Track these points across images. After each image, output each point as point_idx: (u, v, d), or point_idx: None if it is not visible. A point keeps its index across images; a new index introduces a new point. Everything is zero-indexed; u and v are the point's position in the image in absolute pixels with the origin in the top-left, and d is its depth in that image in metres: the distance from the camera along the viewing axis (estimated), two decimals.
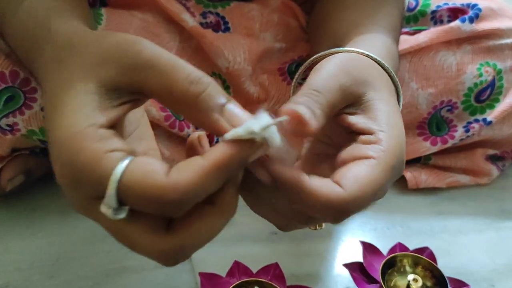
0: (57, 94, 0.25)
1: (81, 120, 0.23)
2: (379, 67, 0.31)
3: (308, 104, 0.26)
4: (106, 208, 0.22)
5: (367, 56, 0.31)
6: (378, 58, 0.31)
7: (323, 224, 0.33)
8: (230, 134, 0.22)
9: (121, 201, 0.22)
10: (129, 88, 0.24)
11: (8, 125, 0.40)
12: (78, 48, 0.26)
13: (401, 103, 0.33)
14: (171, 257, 0.24)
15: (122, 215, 0.22)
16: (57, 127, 0.23)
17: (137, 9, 0.48)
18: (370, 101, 0.28)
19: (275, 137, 0.23)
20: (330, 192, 0.24)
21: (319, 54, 0.33)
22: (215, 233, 0.24)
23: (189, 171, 0.22)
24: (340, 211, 0.24)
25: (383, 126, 0.27)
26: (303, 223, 0.28)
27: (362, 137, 0.27)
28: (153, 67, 0.23)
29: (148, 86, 0.23)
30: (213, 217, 0.24)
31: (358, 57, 0.31)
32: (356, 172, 0.25)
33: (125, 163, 0.22)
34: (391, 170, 0.26)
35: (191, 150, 0.25)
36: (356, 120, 0.28)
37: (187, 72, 0.23)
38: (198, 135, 0.25)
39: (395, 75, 0.32)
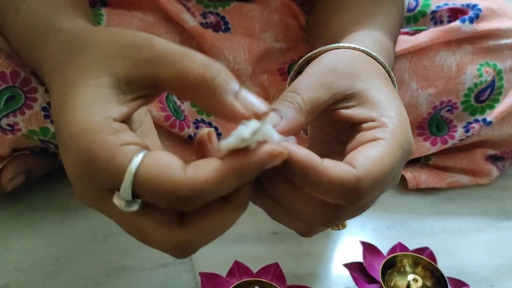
0: (67, 88, 0.25)
1: (95, 113, 0.23)
2: (370, 58, 0.32)
3: (281, 107, 0.27)
4: (119, 200, 0.22)
5: (356, 49, 0.32)
6: (367, 49, 0.32)
7: (346, 224, 0.32)
8: (225, 145, 0.22)
9: (134, 194, 0.22)
10: (141, 81, 0.24)
11: (8, 125, 0.40)
12: (89, 44, 0.26)
13: (396, 91, 0.33)
14: (183, 250, 0.24)
15: (135, 207, 0.23)
16: (70, 120, 0.23)
17: (138, 9, 0.48)
18: (362, 91, 0.28)
19: (271, 135, 0.23)
20: (342, 171, 0.24)
21: (312, 53, 0.33)
22: (226, 228, 0.24)
23: (207, 170, 0.22)
24: (353, 191, 0.24)
25: (383, 111, 0.28)
26: (326, 224, 0.27)
27: (365, 125, 0.27)
28: (167, 57, 0.24)
29: (161, 76, 0.24)
30: (225, 212, 0.24)
31: (347, 52, 0.31)
32: (367, 153, 0.25)
33: (140, 156, 0.22)
34: (400, 149, 0.26)
35: (201, 146, 0.25)
36: (353, 112, 0.28)
37: (200, 58, 0.24)
38: (208, 131, 0.25)
39: (386, 64, 0.32)
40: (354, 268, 0.41)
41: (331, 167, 0.24)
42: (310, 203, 0.26)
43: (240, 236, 0.45)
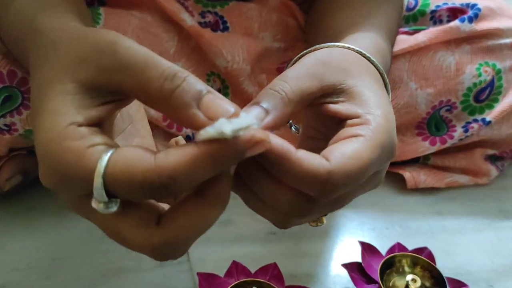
0: (38, 97, 0.24)
1: (60, 121, 0.22)
2: (363, 59, 0.31)
3: (266, 99, 0.26)
4: (97, 203, 0.22)
5: (351, 49, 0.32)
6: (362, 50, 0.32)
7: (324, 220, 0.32)
8: (202, 134, 0.21)
9: (111, 194, 0.22)
10: (107, 87, 0.24)
11: (5, 125, 0.40)
12: (60, 48, 0.25)
13: (389, 95, 0.32)
14: (163, 251, 0.24)
15: (114, 208, 0.22)
16: (39, 130, 0.23)
17: (136, 9, 0.48)
18: (351, 87, 0.28)
19: (250, 124, 0.22)
20: (314, 162, 0.24)
21: (305, 51, 0.33)
22: (206, 227, 0.24)
23: (177, 156, 0.21)
24: (324, 183, 0.24)
25: (369, 109, 0.27)
26: (300, 216, 0.27)
27: (349, 122, 0.27)
28: (129, 67, 0.23)
29: (125, 86, 0.23)
30: (202, 209, 0.23)
31: (340, 49, 0.31)
32: (343, 148, 0.25)
33: (108, 155, 0.21)
34: (380, 147, 0.26)
35: None
36: (340, 107, 0.28)
37: (162, 68, 0.22)
38: (175, 140, 0.25)
39: (380, 67, 0.32)
40: (353, 268, 0.41)
41: (305, 157, 0.24)
42: (285, 193, 0.25)
43: (238, 236, 0.45)
